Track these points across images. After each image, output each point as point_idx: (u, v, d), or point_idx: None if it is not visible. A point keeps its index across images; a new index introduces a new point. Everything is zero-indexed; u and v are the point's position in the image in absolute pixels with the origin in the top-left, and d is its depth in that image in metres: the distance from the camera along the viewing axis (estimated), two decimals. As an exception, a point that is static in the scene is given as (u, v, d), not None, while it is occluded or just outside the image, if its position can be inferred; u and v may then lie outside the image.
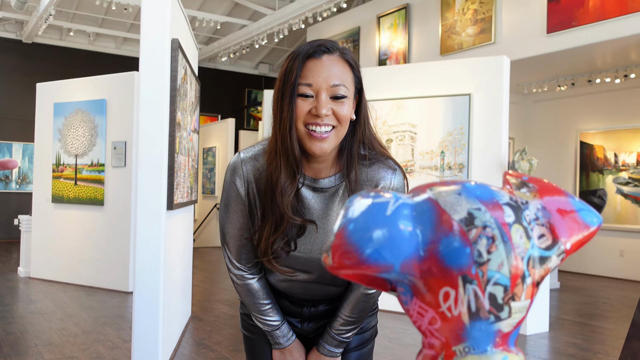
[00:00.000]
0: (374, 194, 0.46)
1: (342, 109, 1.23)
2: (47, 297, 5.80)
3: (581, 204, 0.49)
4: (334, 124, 1.23)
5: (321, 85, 1.22)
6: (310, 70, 1.22)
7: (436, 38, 8.13)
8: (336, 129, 1.24)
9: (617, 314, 5.65)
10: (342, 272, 0.44)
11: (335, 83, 1.22)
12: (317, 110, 1.21)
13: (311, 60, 1.23)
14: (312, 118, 1.22)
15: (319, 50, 1.24)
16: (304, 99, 1.22)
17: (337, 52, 1.26)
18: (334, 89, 1.22)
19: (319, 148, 1.23)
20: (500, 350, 0.45)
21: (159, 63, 3.51)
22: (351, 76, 1.27)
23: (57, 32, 11.55)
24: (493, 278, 0.42)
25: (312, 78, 1.22)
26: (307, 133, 1.23)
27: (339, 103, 1.23)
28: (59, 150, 6.79)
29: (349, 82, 1.25)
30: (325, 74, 1.22)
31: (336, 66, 1.24)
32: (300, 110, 1.22)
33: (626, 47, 6.48)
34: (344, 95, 1.23)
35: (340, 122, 1.24)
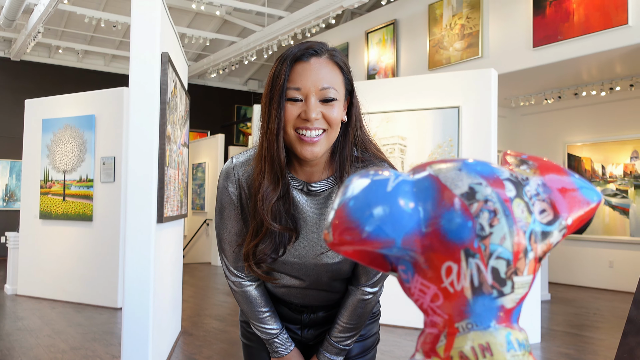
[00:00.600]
0: (373, 172, 0.46)
1: (332, 112, 1.21)
2: (34, 314, 5.72)
3: (582, 182, 0.49)
4: (324, 127, 1.21)
5: (310, 89, 1.20)
6: (299, 74, 1.20)
7: (424, 53, 8.20)
8: (327, 132, 1.22)
9: (608, 324, 5.66)
10: (342, 249, 0.44)
11: (324, 86, 1.20)
12: (306, 114, 1.19)
13: (299, 64, 1.21)
14: (301, 122, 1.20)
15: (307, 53, 1.22)
16: (292, 103, 1.20)
17: (325, 55, 1.24)
18: (323, 92, 1.20)
19: (310, 152, 1.21)
20: (504, 327, 0.44)
21: (149, 76, 3.51)
22: (341, 78, 1.25)
23: (46, 49, 11.53)
24: (495, 252, 0.42)
25: (300, 82, 1.20)
26: (297, 137, 1.21)
27: (328, 106, 1.21)
28: (47, 166, 6.75)
29: (338, 85, 1.23)
30: (313, 77, 1.20)
31: (325, 69, 1.22)
32: (290, 114, 1.20)
33: (611, 60, 6.57)
34: (333, 98, 1.21)
35: (331, 125, 1.22)
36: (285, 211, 1.28)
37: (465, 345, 0.43)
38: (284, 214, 1.28)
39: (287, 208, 1.29)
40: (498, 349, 0.43)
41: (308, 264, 1.33)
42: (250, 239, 1.29)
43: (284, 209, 1.28)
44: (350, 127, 1.30)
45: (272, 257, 1.29)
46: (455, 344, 0.44)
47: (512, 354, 0.43)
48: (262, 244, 1.28)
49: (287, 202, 1.28)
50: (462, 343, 0.43)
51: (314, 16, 8.55)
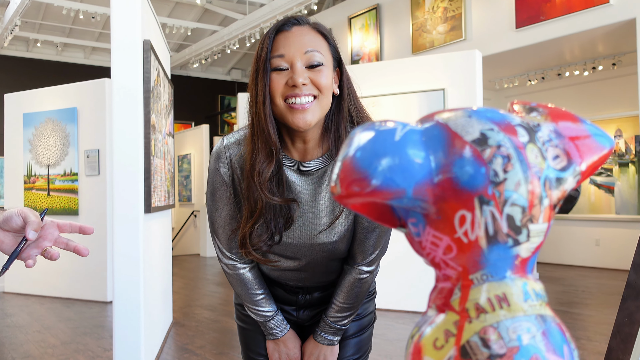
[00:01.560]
0: (379, 123, 0.44)
1: (320, 76, 1.17)
2: (22, 310, 5.66)
3: (594, 128, 0.48)
4: (314, 93, 1.17)
5: (294, 55, 1.16)
6: (281, 42, 1.17)
7: (407, 37, 8.18)
8: (318, 98, 1.17)
9: (597, 301, 5.73)
10: (350, 202, 0.42)
11: (308, 50, 1.16)
12: (293, 80, 1.14)
13: (281, 33, 1.18)
14: (290, 90, 1.15)
15: (288, 22, 1.19)
16: (278, 73, 1.16)
17: (307, 24, 1.21)
18: (308, 56, 1.16)
19: (302, 120, 1.16)
20: (519, 277, 0.43)
21: (131, 64, 3.45)
22: (326, 45, 1.21)
23: (24, 43, 11.35)
24: (510, 198, 0.41)
25: (283, 49, 1.16)
26: (287, 107, 1.16)
27: (316, 71, 1.17)
28: (30, 161, 6.65)
29: (324, 50, 1.19)
30: (297, 43, 1.16)
31: (308, 35, 1.18)
32: (276, 84, 1.16)
33: (593, 40, 6.60)
34: (320, 62, 1.17)
35: (322, 91, 1.17)
36: (277, 190, 1.24)
37: (481, 296, 0.42)
38: (277, 193, 1.24)
39: (281, 191, 1.25)
40: (515, 300, 0.42)
41: (304, 244, 1.30)
42: (244, 223, 1.25)
43: (277, 188, 1.24)
44: (343, 100, 1.26)
45: (268, 244, 1.26)
46: (471, 296, 0.42)
47: (529, 303, 0.42)
48: (257, 229, 1.24)
49: (280, 185, 1.24)
50: (478, 295, 0.42)
51: (296, 2, 8.49)
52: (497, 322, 0.40)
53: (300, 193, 1.28)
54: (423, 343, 0.42)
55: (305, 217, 1.29)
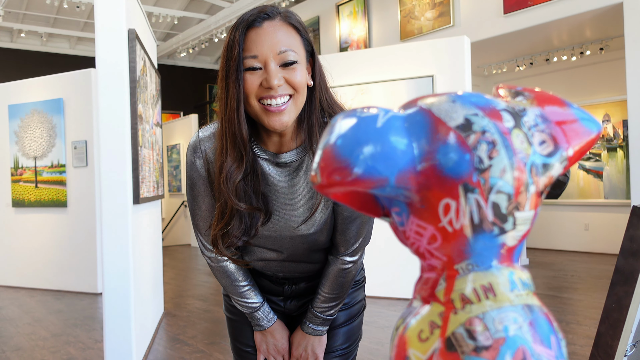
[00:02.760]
0: (360, 109, 0.42)
1: (295, 75, 1.14)
2: (12, 303, 5.63)
3: (581, 112, 0.47)
4: (289, 93, 1.14)
5: (267, 55, 1.12)
6: (253, 40, 1.13)
7: (396, 24, 8.14)
8: (293, 98, 1.15)
9: (586, 285, 5.78)
10: (332, 191, 0.41)
11: (281, 49, 1.13)
12: (268, 82, 1.11)
13: (252, 30, 1.13)
14: (265, 91, 1.13)
15: (259, 18, 1.14)
16: (252, 73, 1.13)
17: (278, 17, 1.16)
18: (281, 56, 1.13)
19: (279, 122, 1.14)
20: (506, 266, 0.42)
21: (116, 54, 3.41)
22: (298, 39, 1.18)
23: (7, 33, 11.19)
24: (496, 185, 0.39)
25: (256, 49, 1.12)
26: (262, 109, 1.14)
27: (290, 70, 1.14)
28: (17, 153, 6.58)
29: (297, 46, 1.16)
30: (269, 42, 1.12)
31: (280, 31, 1.14)
32: (251, 85, 1.13)
33: (581, 24, 6.60)
34: (294, 61, 1.14)
35: (297, 90, 1.15)
36: (254, 190, 1.22)
37: (467, 287, 0.41)
38: (252, 193, 1.22)
39: (257, 187, 1.23)
40: (501, 289, 0.41)
41: (284, 236, 1.29)
42: (216, 223, 1.23)
43: (252, 187, 1.22)
44: (315, 91, 1.23)
45: (243, 239, 1.24)
46: (456, 286, 0.41)
47: (515, 293, 0.41)
48: (229, 227, 1.22)
49: (255, 181, 1.22)
50: (463, 285, 0.41)
51: (283, -10, 8.41)
52: (483, 313, 0.39)
53: (277, 185, 1.26)
54: (408, 335, 0.41)
55: (283, 209, 1.27)
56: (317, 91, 1.23)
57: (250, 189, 1.22)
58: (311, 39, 1.23)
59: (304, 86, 1.17)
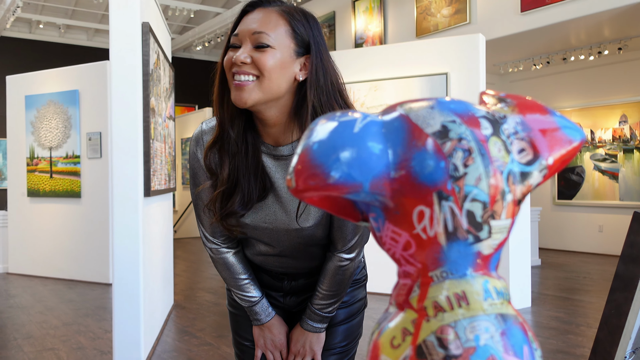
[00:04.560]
0: (340, 114, 0.42)
1: (263, 57, 1.15)
2: (26, 291, 5.70)
3: (564, 120, 0.46)
4: (254, 72, 1.16)
5: (244, 33, 1.17)
6: (242, 22, 1.19)
7: (412, 20, 8.10)
8: (259, 80, 1.16)
9: (598, 287, 5.72)
10: (307, 195, 0.41)
11: (256, 30, 1.16)
12: (235, 57, 1.16)
13: (247, 14, 1.20)
14: (234, 66, 1.17)
15: (254, 4, 1.20)
16: (233, 50, 1.19)
17: (273, 6, 1.20)
18: (255, 37, 1.16)
19: (238, 97, 1.16)
20: (481, 275, 0.41)
21: (130, 47, 3.43)
22: (284, 28, 1.18)
23: (26, 24, 11.29)
24: (471, 194, 0.39)
25: (239, 28, 1.19)
26: (232, 83, 1.18)
27: (260, 52, 1.15)
28: (33, 144, 6.65)
29: (277, 33, 1.17)
30: (250, 23, 1.17)
31: (265, 16, 1.18)
32: (227, 60, 1.19)
33: (599, 24, 6.51)
34: (265, 44, 1.15)
35: (263, 73, 1.16)
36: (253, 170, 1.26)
37: (440, 294, 0.41)
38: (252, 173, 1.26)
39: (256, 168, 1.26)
40: (475, 298, 0.40)
41: (279, 229, 1.30)
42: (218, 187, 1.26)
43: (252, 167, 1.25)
44: (308, 89, 1.21)
45: (240, 212, 1.26)
46: (430, 294, 0.41)
47: (489, 302, 0.41)
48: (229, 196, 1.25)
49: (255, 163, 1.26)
50: (437, 292, 0.41)
51: (300, -15, 8.40)
52: (454, 322, 0.39)
53: (274, 178, 1.28)
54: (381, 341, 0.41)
55: (279, 201, 1.28)
56: (312, 88, 1.21)
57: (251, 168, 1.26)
58: (313, 37, 1.23)
59: (273, 72, 1.17)
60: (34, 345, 3.83)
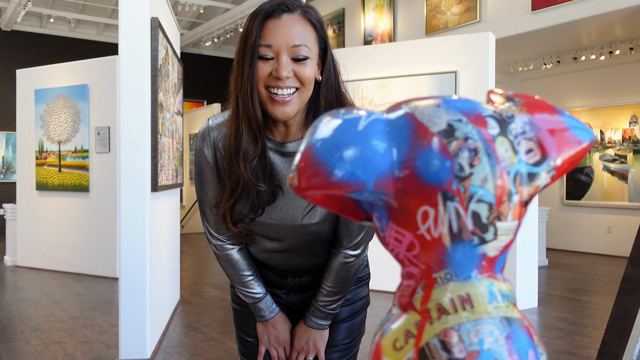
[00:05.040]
0: (344, 111, 0.42)
1: (304, 70, 1.17)
2: (33, 284, 5.74)
3: (573, 121, 0.45)
4: (296, 85, 1.17)
5: (281, 46, 1.15)
6: (270, 30, 1.16)
7: (421, 18, 8.06)
8: (299, 91, 1.18)
9: (606, 288, 5.69)
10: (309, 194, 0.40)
11: (295, 44, 1.15)
12: (277, 72, 1.15)
13: (271, 20, 1.16)
14: (273, 81, 1.16)
15: (278, 9, 1.17)
16: (264, 62, 1.16)
17: (298, 11, 1.19)
18: (294, 50, 1.16)
19: (282, 112, 1.17)
20: (486, 277, 0.41)
21: (138, 42, 3.43)
22: (313, 35, 1.20)
23: (37, 18, 11.34)
24: (476, 194, 0.38)
25: (271, 39, 1.15)
26: (268, 97, 1.18)
27: (300, 64, 1.16)
28: (42, 137, 6.68)
29: (310, 42, 1.18)
30: (285, 34, 1.15)
31: (297, 25, 1.17)
32: (261, 72, 1.16)
33: (611, 23, 6.46)
34: (305, 56, 1.17)
35: (304, 84, 1.18)
36: (262, 171, 1.25)
37: (444, 296, 0.40)
38: (261, 174, 1.25)
39: (264, 168, 1.26)
40: (479, 301, 0.40)
41: (285, 225, 1.30)
42: (226, 199, 1.26)
43: (260, 169, 1.25)
44: (324, 87, 1.25)
45: (249, 217, 1.27)
46: (433, 296, 0.40)
47: (494, 305, 0.40)
48: (239, 204, 1.25)
49: (263, 162, 1.25)
50: (441, 294, 0.40)
51: (309, -19, 8.38)
52: (458, 325, 0.38)
53: (281, 174, 1.28)
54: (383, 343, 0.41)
55: (286, 198, 1.29)
56: (327, 86, 1.25)
57: (259, 170, 1.25)
58: (327, 36, 1.25)
59: (311, 81, 1.20)
60: (40, 338, 3.85)
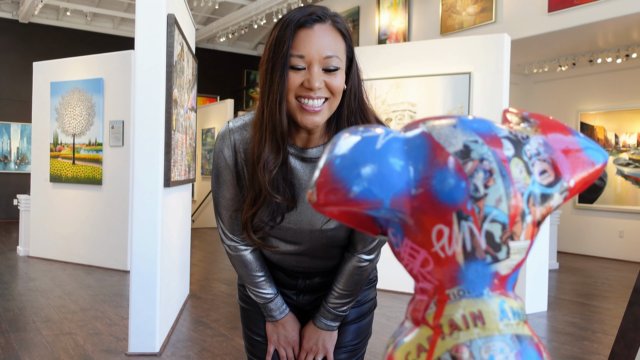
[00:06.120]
0: (363, 128, 0.43)
1: (334, 80, 1.18)
2: (45, 275, 5.80)
3: (587, 142, 0.46)
4: (327, 96, 1.19)
5: (313, 57, 1.16)
6: (302, 40, 1.17)
7: (436, 17, 8.04)
8: (329, 100, 1.20)
9: (616, 294, 5.65)
10: (327, 210, 0.41)
11: (328, 54, 1.17)
12: (309, 83, 1.16)
13: (303, 30, 1.17)
14: (304, 91, 1.17)
15: (310, 19, 1.18)
16: (295, 72, 1.17)
17: (329, 21, 1.20)
18: (326, 61, 1.17)
19: (312, 121, 1.19)
20: (498, 295, 0.42)
21: (154, 39, 3.46)
22: (343, 46, 1.22)
23: (54, 11, 11.43)
24: (490, 214, 0.39)
25: (304, 49, 1.16)
26: (299, 106, 1.19)
27: (331, 75, 1.18)
28: (57, 130, 6.75)
29: (341, 53, 1.20)
30: (317, 45, 1.16)
31: (328, 36, 1.18)
32: (292, 83, 1.17)
33: (628, 26, 6.41)
34: (337, 67, 1.18)
35: (334, 94, 1.20)
36: (282, 178, 1.26)
37: (456, 313, 0.41)
38: (282, 181, 1.26)
39: (285, 175, 1.27)
40: (491, 318, 0.41)
41: (303, 229, 1.32)
42: (248, 208, 1.28)
43: (281, 176, 1.26)
44: (348, 94, 1.26)
45: (269, 224, 1.29)
46: (446, 312, 0.41)
47: (505, 322, 0.41)
48: (260, 211, 1.27)
49: (284, 170, 1.27)
50: (453, 311, 0.41)
51: (325, -21, 8.37)
52: (470, 341, 0.39)
53: (301, 180, 1.30)
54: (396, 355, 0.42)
55: (305, 203, 1.30)
56: (351, 93, 1.27)
57: (280, 177, 1.26)
58: (353, 45, 1.26)
59: (341, 91, 1.22)
60: (51, 329, 3.89)
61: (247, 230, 1.29)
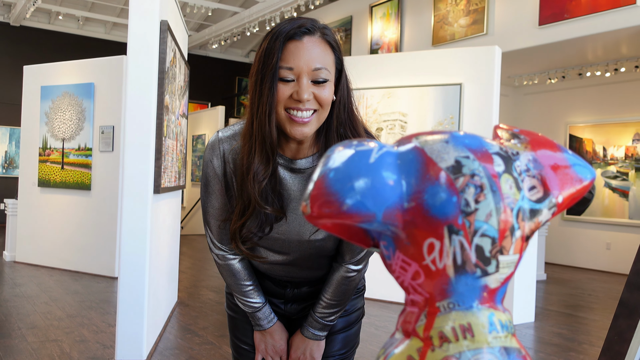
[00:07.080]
0: (357, 142, 0.44)
1: (323, 92, 1.19)
2: (32, 281, 5.75)
3: (575, 158, 0.47)
4: (315, 107, 1.20)
5: (302, 69, 1.17)
6: (291, 53, 1.18)
7: (428, 28, 8.10)
8: (318, 112, 1.21)
9: (603, 305, 5.69)
10: (321, 222, 0.42)
11: (316, 67, 1.18)
12: (298, 95, 1.17)
13: (292, 43, 1.18)
14: (293, 103, 1.18)
15: (299, 31, 1.19)
16: (284, 84, 1.18)
17: (318, 33, 1.21)
18: (315, 73, 1.18)
19: (300, 132, 1.20)
20: (487, 307, 0.42)
21: (147, 44, 3.46)
22: (332, 58, 1.23)
23: (46, 15, 11.40)
24: (480, 229, 0.40)
25: (293, 62, 1.17)
26: (287, 117, 1.19)
27: (320, 87, 1.19)
28: (46, 134, 6.71)
29: (330, 65, 1.21)
30: (306, 57, 1.17)
31: (317, 48, 1.19)
32: (282, 94, 1.18)
33: (617, 41, 6.49)
34: (325, 79, 1.19)
35: (322, 106, 1.21)
36: (271, 189, 1.27)
37: (446, 325, 0.42)
38: (271, 192, 1.26)
39: (274, 186, 1.27)
40: (479, 330, 0.41)
41: (292, 240, 1.33)
42: (237, 218, 1.28)
43: (270, 187, 1.26)
44: (337, 106, 1.27)
45: (258, 235, 1.29)
46: (436, 324, 0.42)
47: (494, 335, 0.42)
48: (248, 222, 1.27)
49: (273, 181, 1.27)
50: (443, 323, 0.42)
51: (318, -12, 8.42)
52: (459, 353, 0.40)
53: (290, 190, 1.30)
54: (386, 367, 0.42)
55: (294, 213, 1.31)
56: (340, 105, 1.27)
57: (269, 188, 1.26)
58: (342, 56, 1.27)
59: (329, 103, 1.22)
60: (37, 336, 3.86)
61: (236, 240, 1.30)
